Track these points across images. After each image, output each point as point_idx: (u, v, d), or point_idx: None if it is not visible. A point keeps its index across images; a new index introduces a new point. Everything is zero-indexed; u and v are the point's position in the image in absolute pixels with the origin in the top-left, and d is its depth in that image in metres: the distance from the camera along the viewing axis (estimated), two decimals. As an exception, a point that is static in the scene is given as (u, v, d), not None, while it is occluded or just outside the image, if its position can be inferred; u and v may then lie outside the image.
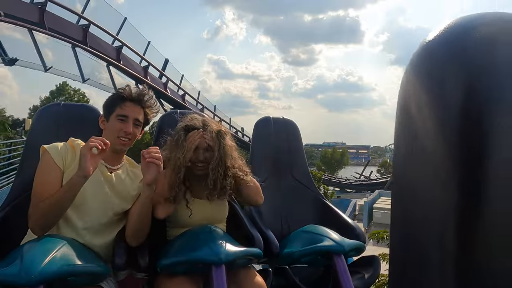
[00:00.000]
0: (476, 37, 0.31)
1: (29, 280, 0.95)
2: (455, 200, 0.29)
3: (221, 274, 1.17)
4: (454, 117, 0.29)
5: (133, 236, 1.37)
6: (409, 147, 0.37)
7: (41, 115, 1.74)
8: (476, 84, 0.30)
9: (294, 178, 2.10)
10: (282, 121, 2.21)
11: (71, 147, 1.38)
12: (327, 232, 1.56)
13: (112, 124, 1.42)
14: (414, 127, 0.36)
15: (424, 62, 0.37)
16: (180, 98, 16.24)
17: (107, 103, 1.47)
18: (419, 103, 0.35)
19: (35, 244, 1.11)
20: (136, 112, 1.44)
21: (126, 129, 1.41)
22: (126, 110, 1.42)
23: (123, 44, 12.68)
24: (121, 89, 1.48)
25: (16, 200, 1.52)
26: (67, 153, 1.37)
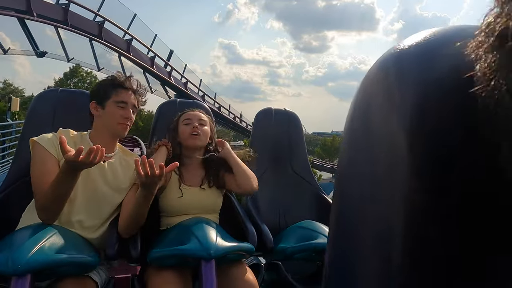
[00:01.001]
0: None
1: (16, 269, 0.94)
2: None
3: (211, 269, 1.15)
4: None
5: (126, 229, 1.34)
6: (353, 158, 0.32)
7: (39, 100, 1.72)
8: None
9: (294, 172, 2.06)
10: (283, 112, 2.17)
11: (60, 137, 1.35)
12: (323, 228, 1.53)
13: (112, 110, 1.40)
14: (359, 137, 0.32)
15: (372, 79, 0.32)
16: (183, 86, 18.14)
17: (99, 89, 1.44)
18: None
19: (25, 233, 1.09)
20: (132, 98, 1.45)
21: (127, 114, 1.41)
22: (123, 97, 1.41)
23: (132, 37, 14.54)
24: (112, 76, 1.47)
25: (13, 185, 1.50)
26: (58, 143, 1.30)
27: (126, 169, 1.46)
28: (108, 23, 13.35)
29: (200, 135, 1.54)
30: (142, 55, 15.46)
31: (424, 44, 0.28)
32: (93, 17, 12.93)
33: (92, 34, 12.62)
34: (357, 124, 0.33)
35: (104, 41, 13.09)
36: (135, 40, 14.71)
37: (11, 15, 9.88)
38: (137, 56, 14.96)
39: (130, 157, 1.50)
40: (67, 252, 1.07)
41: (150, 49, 15.80)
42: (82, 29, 12.24)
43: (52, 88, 1.84)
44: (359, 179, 0.31)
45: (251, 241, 1.42)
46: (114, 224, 1.38)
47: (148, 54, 15.93)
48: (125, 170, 1.45)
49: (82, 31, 12.21)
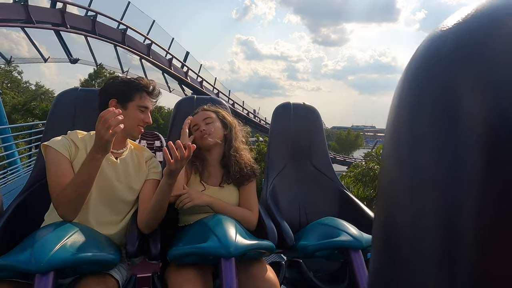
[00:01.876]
0: (502, 34, 0.22)
1: (39, 267, 0.96)
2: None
3: (230, 268, 1.14)
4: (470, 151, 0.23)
5: (146, 224, 1.35)
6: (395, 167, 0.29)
7: (60, 100, 1.75)
8: (502, 103, 0.22)
9: (313, 167, 2.02)
10: (302, 107, 2.11)
11: (71, 140, 1.37)
12: (345, 226, 1.48)
13: (133, 113, 1.42)
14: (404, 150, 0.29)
15: (424, 70, 0.28)
16: (199, 84, 19.52)
17: (124, 90, 1.43)
18: (412, 125, 0.28)
19: (47, 231, 1.10)
20: (152, 104, 1.49)
21: (147, 119, 1.45)
22: (146, 102, 1.44)
23: (152, 41, 16.00)
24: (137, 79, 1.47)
25: (36, 184, 1.53)
26: (70, 145, 1.35)
27: (138, 165, 1.47)
28: (130, 30, 14.84)
29: (209, 134, 1.53)
30: (160, 57, 16.91)
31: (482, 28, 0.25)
32: (117, 25, 14.43)
33: (116, 41, 14.13)
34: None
35: (127, 46, 14.60)
36: (154, 44, 16.17)
37: (49, 28, 11.47)
38: (156, 59, 16.41)
39: (141, 152, 1.52)
40: (88, 250, 1.08)
41: (168, 52, 17.24)
42: (108, 36, 13.77)
43: (72, 88, 1.86)
44: (416, 184, 0.28)
45: (271, 238, 1.40)
46: (134, 221, 1.38)
47: (166, 56, 17.37)
48: (136, 166, 1.46)
49: (108, 39, 13.74)
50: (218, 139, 1.55)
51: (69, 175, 1.26)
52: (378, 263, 0.33)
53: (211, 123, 1.57)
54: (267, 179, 1.91)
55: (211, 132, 1.54)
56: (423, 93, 0.29)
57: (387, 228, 0.32)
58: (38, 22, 10.79)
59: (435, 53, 0.28)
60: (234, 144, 1.56)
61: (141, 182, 1.45)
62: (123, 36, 14.56)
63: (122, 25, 14.48)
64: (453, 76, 0.26)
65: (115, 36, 14.26)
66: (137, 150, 1.53)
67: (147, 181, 1.46)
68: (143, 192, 1.43)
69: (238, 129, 1.62)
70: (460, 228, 0.24)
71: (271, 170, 1.95)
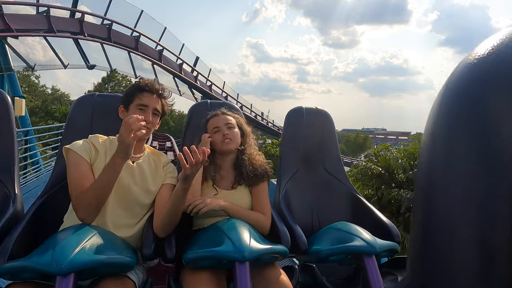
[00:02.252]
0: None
1: (60, 270, 0.98)
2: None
3: (245, 271, 1.15)
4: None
5: (162, 228, 1.37)
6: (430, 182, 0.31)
7: (78, 105, 1.79)
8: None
9: (326, 171, 2.01)
10: (315, 111, 2.12)
11: (91, 143, 1.41)
12: (358, 231, 1.47)
13: (132, 113, 1.39)
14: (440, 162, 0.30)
15: (462, 91, 0.30)
16: (208, 88, 20.23)
17: (126, 94, 1.48)
18: (449, 140, 0.29)
19: (67, 234, 1.13)
20: (154, 101, 1.47)
21: (146, 117, 1.41)
22: (145, 100, 1.44)
23: (163, 47, 16.77)
24: (138, 80, 1.50)
25: (56, 187, 1.57)
26: (90, 148, 1.39)
27: (154, 170, 1.49)
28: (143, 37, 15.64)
29: (232, 140, 1.57)
30: (171, 62, 17.67)
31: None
32: (131, 32, 15.23)
33: (130, 47, 14.93)
34: (462, 132, 0.30)
35: (140, 52, 15.39)
36: (166, 49, 16.94)
37: (69, 37, 12.31)
38: (167, 64, 17.18)
39: (158, 157, 1.55)
40: (107, 252, 1.11)
41: (178, 57, 18.00)
42: (122, 43, 14.57)
43: (89, 93, 1.91)
44: (452, 196, 0.28)
45: (284, 243, 1.41)
46: (149, 224, 1.41)
47: (177, 61, 18.12)
48: (153, 171, 1.49)
49: (122, 45, 14.55)
50: (237, 145, 1.59)
51: (89, 178, 1.31)
52: (415, 274, 0.33)
53: (233, 128, 1.61)
54: (280, 183, 1.91)
55: (233, 138, 1.57)
56: (462, 112, 0.30)
57: (424, 238, 0.32)
58: (58, 31, 11.61)
59: (474, 76, 0.30)
60: (247, 151, 1.60)
61: (158, 186, 1.47)
62: (137, 43, 15.35)
63: (135, 32, 15.27)
64: (490, 99, 0.28)
65: (129, 43, 15.05)
66: (154, 155, 1.56)
67: (163, 186, 1.48)
68: (159, 196, 1.45)
69: (251, 137, 1.67)
70: (495, 243, 0.24)
71: (284, 174, 1.95)
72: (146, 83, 1.47)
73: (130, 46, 15.05)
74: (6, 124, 1.59)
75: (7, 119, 1.59)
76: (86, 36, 12.67)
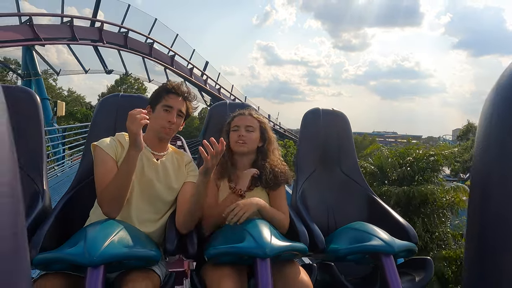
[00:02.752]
0: None
1: (92, 261, 1.04)
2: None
3: (266, 268, 1.17)
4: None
5: (184, 224, 1.42)
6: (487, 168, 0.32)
7: (103, 105, 1.87)
8: None
9: (342, 172, 2.03)
10: (331, 113, 2.14)
11: (118, 141, 1.49)
12: (376, 231, 1.48)
13: (158, 114, 1.49)
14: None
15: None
16: (217, 91, 21.23)
17: (154, 95, 1.55)
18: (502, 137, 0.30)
19: (96, 228, 1.18)
20: (179, 103, 1.51)
21: (171, 118, 1.48)
22: (170, 101, 1.50)
23: (175, 53, 17.83)
24: (166, 83, 1.57)
25: (82, 183, 1.63)
26: (116, 146, 1.47)
27: (177, 168, 1.57)
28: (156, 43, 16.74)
29: (246, 143, 1.58)
30: (182, 67, 18.73)
31: None
32: (145, 39, 16.34)
33: (144, 53, 16.02)
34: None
35: (154, 58, 16.47)
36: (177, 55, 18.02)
37: (89, 44, 13.44)
38: (179, 68, 18.23)
39: (181, 156, 1.62)
40: (133, 246, 1.16)
41: (189, 62, 19.06)
42: (137, 50, 15.67)
43: (113, 94, 1.97)
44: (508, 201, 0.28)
45: (303, 241, 1.44)
46: (172, 221, 1.47)
47: (188, 66, 19.18)
48: (176, 169, 1.56)
49: (137, 51, 15.65)
50: (251, 149, 1.61)
51: (113, 173, 1.36)
52: (471, 268, 0.33)
53: (252, 131, 1.61)
54: (297, 183, 1.95)
55: (248, 141, 1.59)
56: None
57: (480, 233, 0.33)
58: (80, 39, 12.74)
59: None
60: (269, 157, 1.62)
61: (180, 183, 1.54)
62: (150, 49, 16.44)
63: (149, 39, 16.38)
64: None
65: (143, 49, 16.15)
66: (177, 154, 1.62)
67: (185, 184, 1.54)
68: (182, 193, 1.51)
69: (275, 145, 1.67)
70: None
71: (301, 174, 1.98)
72: (173, 85, 1.54)
73: (144, 52, 16.14)
74: (36, 123, 1.66)
75: (36, 119, 1.67)
76: (105, 43, 13.78)
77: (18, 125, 1.60)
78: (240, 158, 1.63)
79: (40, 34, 11.10)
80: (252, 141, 1.61)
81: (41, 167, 1.61)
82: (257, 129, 1.64)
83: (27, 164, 1.58)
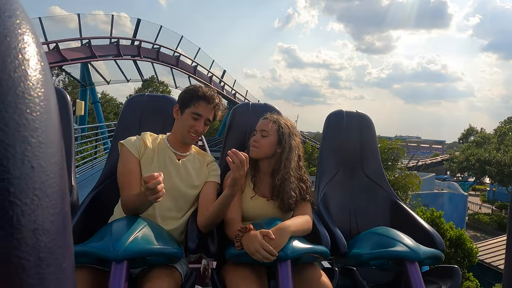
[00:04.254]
0: None
1: (116, 255, 1.07)
2: None
3: (287, 269, 1.17)
4: None
5: (206, 225, 1.44)
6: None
7: (129, 104, 1.89)
8: None
9: (366, 176, 2.00)
10: (355, 115, 2.11)
11: (142, 140, 1.53)
12: (401, 236, 1.45)
13: (186, 119, 1.51)
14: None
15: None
16: (232, 96, 24.46)
17: (184, 97, 1.54)
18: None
19: (121, 224, 1.22)
20: (208, 112, 1.53)
21: (198, 127, 1.51)
22: (201, 109, 1.50)
23: (197, 64, 21.20)
24: (198, 88, 1.55)
25: (107, 180, 1.66)
26: (140, 144, 1.51)
27: (199, 167, 1.60)
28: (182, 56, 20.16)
29: (258, 148, 1.57)
30: (203, 75, 22.07)
31: None
32: (172, 53, 19.75)
33: (172, 65, 19.42)
34: None
35: (180, 68, 19.85)
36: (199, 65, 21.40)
37: (130, 59, 16.89)
38: (200, 76, 21.56)
39: (203, 156, 1.65)
40: (156, 243, 1.18)
41: (209, 71, 22.39)
42: (167, 62, 19.08)
43: (139, 94, 2.01)
44: None
45: (324, 244, 1.41)
46: (193, 220, 1.49)
47: (208, 74, 22.53)
48: (197, 168, 1.59)
49: (167, 64, 19.05)
50: (263, 155, 1.58)
51: (135, 174, 1.45)
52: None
53: (266, 136, 1.58)
54: (318, 186, 1.94)
55: (259, 146, 1.57)
56: None
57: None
58: (124, 55, 16.20)
59: None
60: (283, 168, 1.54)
61: (201, 181, 1.58)
62: (177, 61, 19.82)
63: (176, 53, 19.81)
64: None
65: (171, 61, 19.54)
66: (200, 154, 1.66)
67: (207, 183, 1.58)
68: (203, 194, 1.55)
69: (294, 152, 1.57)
70: None
71: (323, 177, 1.96)
72: (206, 94, 1.52)
73: (172, 63, 19.54)
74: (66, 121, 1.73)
75: (66, 117, 1.73)
76: (142, 57, 17.22)
77: None
78: (261, 162, 1.62)
79: (96, 53, 14.61)
80: (264, 146, 1.57)
81: (69, 163, 1.67)
82: (273, 134, 1.58)
83: None
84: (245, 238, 1.25)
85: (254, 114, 1.79)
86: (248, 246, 1.22)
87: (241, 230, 1.28)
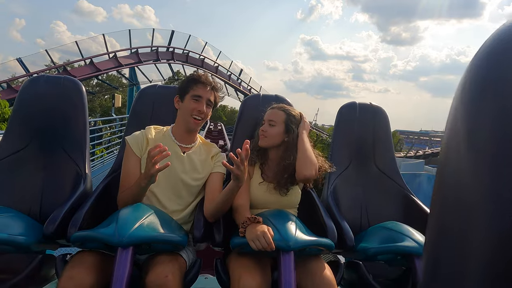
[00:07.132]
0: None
1: (121, 241, 1.09)
2: None
3: (289, 261, 1.17)
4: None
5: (212, 214, 1.48)
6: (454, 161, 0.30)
7: (140, 95, 1.94)
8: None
9: (378, 169, 1.96)
10: (369, 107, 2.06)
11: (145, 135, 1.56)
12: (410, 231, 1.43)
13: (187, 104, 1.53)
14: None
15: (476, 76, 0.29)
16: (248, 91, 28.66)
17: (182, 85, 1.59)
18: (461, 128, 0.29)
19: (128, 211, 1.24)
20: (208, 93, 1.55)
21: (200, 107, 1.53)
22: (199, 91, 1.53)
23: (219, 64, 25.54)
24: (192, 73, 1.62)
25: (117, 171, 1.69)
26: (143, 140, 1.54)
27: (204, 159, 1.62)
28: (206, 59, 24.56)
29: (266, 137, 1.62)
30: (223, 74, 26.41)
31: None
32: (198, 56, 24.14)
33: (198, 66, 23.83)
34: None
35: (204, 68, 24.23)
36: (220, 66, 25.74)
37: (166, 62, 21.44)
38: (221, 75, 25.93)
39: (209, 147, 1.68)
40: (161, 230, 1.20)
41: (228, 70, 26.69)
42: (194, 64, 23.53)
43: (151, 84, 2.06)
44: (471, 195, 0.28)
45: (331, 237, 1.39)
46: (200, 210, 1.52)
47: (227, 73, 26.83)
48: (202, 160, 1.61)
49: (194, 65, 23.49)
50: (271, 144, 1.63)
51: (134, 174, 1.48)
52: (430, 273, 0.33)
53: (273, 125, 1.62)
54: (329, 178, 1.92)
55: (268, 135, 1.62)
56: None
57: (440, 235, 0.33)
58: (162, 59, 20.73)
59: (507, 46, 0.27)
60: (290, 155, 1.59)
61: (206, 172, 1.60)
62: (202, 63, 24.25)
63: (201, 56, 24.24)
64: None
65: (197, 63, 23.97)
66: (205, 145, 1.69)
67: (212, 174, 1.61)
68: (209, 184, 1.59)
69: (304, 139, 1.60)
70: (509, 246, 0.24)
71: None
72: (200, 75, 1.58)
73: (198, 65, 23.97)
74: (81, 111, 1.77)
75: (81, 107, 1.78)
76: (175, 61, 21.73)
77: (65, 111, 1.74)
78: (269, 150, 1.67)
79: (141, 59, 19.17)
80: (271, 136, 1.62)
81: (84, 151, 1.71)
82: (281, 123, 1.62)
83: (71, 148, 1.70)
84: (250, 226, 1.28)
85: (264, 105, 1.78)
86: (250, 233, 1.25)
87: (250, 218, 1.31)
